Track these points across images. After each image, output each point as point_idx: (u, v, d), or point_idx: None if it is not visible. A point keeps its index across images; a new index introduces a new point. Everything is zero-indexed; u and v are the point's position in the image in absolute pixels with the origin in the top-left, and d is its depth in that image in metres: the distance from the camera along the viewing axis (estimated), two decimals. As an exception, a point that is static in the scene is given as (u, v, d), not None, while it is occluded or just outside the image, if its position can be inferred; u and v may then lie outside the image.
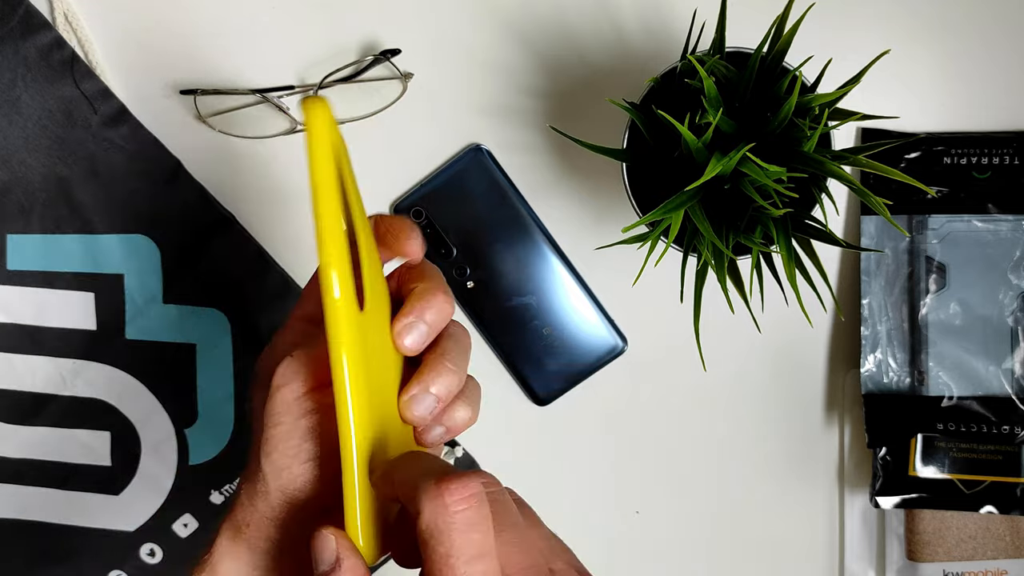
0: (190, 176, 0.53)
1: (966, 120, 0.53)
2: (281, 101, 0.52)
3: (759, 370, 0.55)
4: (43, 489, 0.55)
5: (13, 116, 0.51)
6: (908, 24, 0.53)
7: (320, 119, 0.29)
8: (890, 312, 0.53)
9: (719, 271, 0.41)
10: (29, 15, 0.51)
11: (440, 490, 0.27)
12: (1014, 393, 0.52)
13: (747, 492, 0.56)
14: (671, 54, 0.52)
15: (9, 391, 0.54)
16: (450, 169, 0.53)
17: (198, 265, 0.53)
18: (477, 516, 0.27)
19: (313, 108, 0.29)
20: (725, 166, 0.38)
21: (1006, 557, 0.53)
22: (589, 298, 0.54)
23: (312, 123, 0.29)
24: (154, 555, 0.55)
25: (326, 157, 0.28)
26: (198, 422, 0.54)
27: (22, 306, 0.53)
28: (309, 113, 0.29)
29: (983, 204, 0.52)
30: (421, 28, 0.53)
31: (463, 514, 0.27)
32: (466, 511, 0.27)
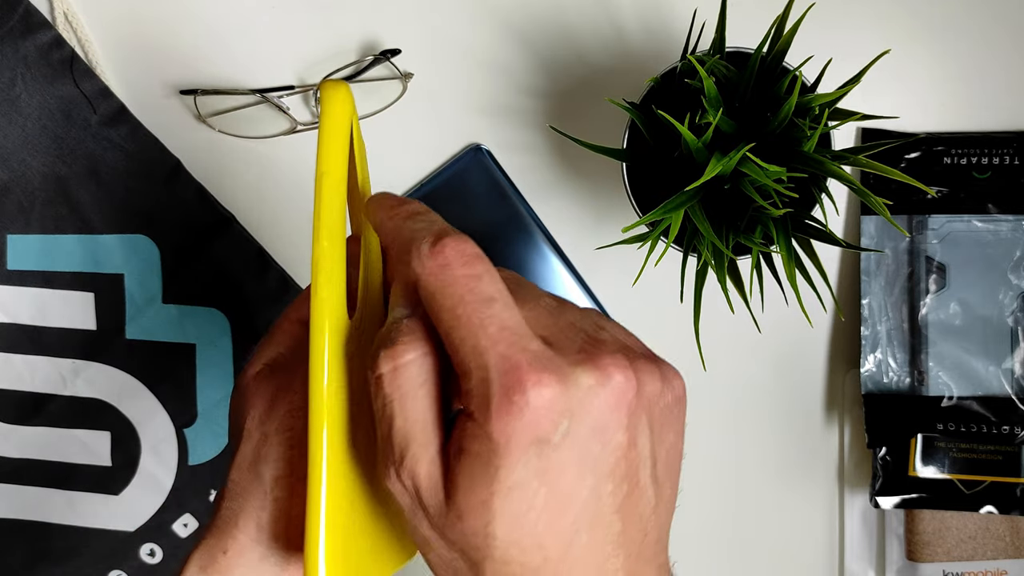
0: (190, 176, 0.53)
1: (966, 120, 0.53)
2: (281, 101, 0.52)
3: (759, 370, 0.55)
4: (43, 489, 0.55)
5: (13, 115, 0.51)
6: (908, 24, 0.53)
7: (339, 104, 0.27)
8: (890, 312, 0.53)
9: (719, 271, 0.41)
10: (29, 14, 0.51)
11: (434, 253, 0.25)
12: (1014, 393, 0.52)
13: (747, 492, 0.56)
14: (671, 54, 0.52)
15: (9, 391, 0.54)
16: (450, 169, 0.53)
17: (198, 265, 0.53)
18: (479, 269, 0.25)
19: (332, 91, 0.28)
20: (725, 166, 0.38)
21: (1006, 557, 0.53)
22: (589, 298, 0.54)
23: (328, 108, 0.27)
24: (154, 555, 0.55)
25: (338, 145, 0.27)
26: (198, 422, 0.54)
27: (22, 306, 0.53)
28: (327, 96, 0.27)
29: (983, 204, 0.52)
30: (421, 28, 0.53)
31: (463, 268, 0.25)
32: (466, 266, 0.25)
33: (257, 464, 0.31)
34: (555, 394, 0.23)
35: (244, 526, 0.31)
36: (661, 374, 0.26)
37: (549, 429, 0.23)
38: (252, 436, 0.32)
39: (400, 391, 0.25)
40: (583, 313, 0.28)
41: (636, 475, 0.25)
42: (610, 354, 0.25)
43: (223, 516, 0.32)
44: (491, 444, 0.23)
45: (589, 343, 0.26)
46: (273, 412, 0.32)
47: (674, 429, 0.28)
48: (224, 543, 0.31)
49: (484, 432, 0.24)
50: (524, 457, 0.23)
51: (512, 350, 0.24)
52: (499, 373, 0.23)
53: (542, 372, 0.24)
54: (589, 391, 0.24)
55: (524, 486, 0.24)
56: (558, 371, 0.24)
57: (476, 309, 0.25)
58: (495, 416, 0.23)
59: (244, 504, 0.31)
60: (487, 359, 0.24)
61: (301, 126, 0.53)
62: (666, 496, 0.27)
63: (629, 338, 0.28)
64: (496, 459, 0.23)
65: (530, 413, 0.23)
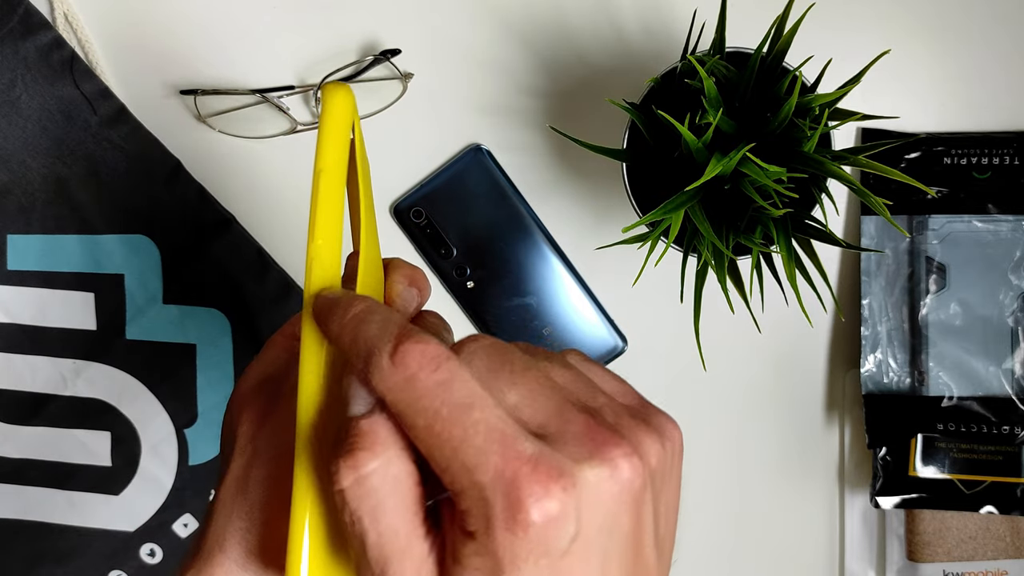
0: (190, 176, 0.53)
1: (966, 120, 0.53)
2: (281, 101, 0.52)
3: (759, 370, 0.55)
4: (43, 489, 0.55)
5: (13, 116, 0.51)
6: (908, 24, 0.53)
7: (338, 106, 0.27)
8: (890, 312, 0.53)
9: (719, 271, 0.41)
10: (29, 15, 0.51)
11: (395, 364, 0.23)
12: (1014, 393, 0.52)
13: (747, 492, 0.56)
14: (671, 54, 0.52)
15: (9, 391, 0.54)
16: (450, 169, 0.53)
17: (198, 265, 0.53)
18: (448, 372, 0.23)
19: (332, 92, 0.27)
20: (725, 166, 0.38)
21: (1006, 557, 0.53)
22: (589, 298, 0.54)
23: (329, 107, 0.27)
24: (154, 555, 0.55)
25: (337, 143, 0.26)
26: (198, 422, 0.54)
27: (22, 306, 0.53)
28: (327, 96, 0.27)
29: (983, 204, 0.52)
30: (421, 28, 0.53)
31: (432, 377, 0.22)
32: (434, 373, 0.22)
33: (246, 483, 0.30)
34: (561, 503, 0.22)
35: (230, 550, 0.30)
36: (661, 437, 0.25)
37: (558, 538, 0.22)
38: (242, 453, 0.31)
39: (368, 504, 0.23)
40: (568, 368, 0.26)
41: (641, 548, 0.24)
42: (615, 438, 0.23)
43: (210, 539, 0.30)
44: (496, 561, 0.22)
45: (588, 423, 0.23)
46: (263, 429, 0.31)
47: (673, 484, 0.26)
48: (210, 569, 0.30)
49: (487, 551, 0.22)
50: (532, 571, 0.22)
51: (507, 460, 0.22)
52: (497, 492, 0.21)
53: (545, 481, 0.21)
54: (596, 487, 0.22)
55: None
56: (561, 474, 0.22)
57: (455, 422, 0.22)
58: (499, 537, 0.21)
59: (230, 526, 0.30)
60: (479, 477, 0.22)
61: (301, 126, 0.53)
62: (666, 551, 0.26)
63: (620, 387, 0.27)
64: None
65: (536, 530, 0.21)
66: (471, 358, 0.24)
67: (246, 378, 0.33)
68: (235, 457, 0.31)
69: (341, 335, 0.25)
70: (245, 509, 0.30)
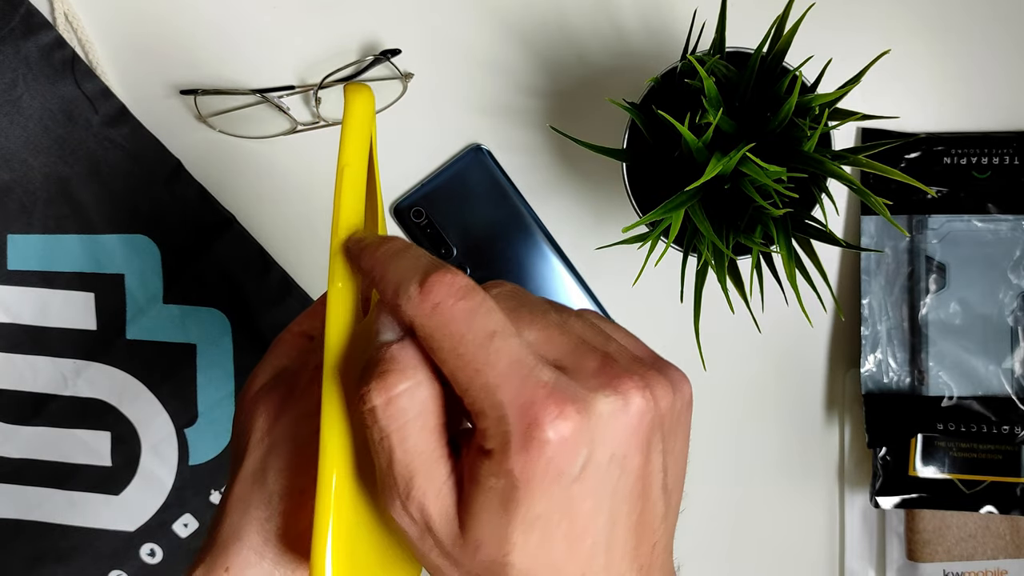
0: (190, 176, 0.53)
1: (966, 120, 0.53)
2: (281, 101, 0.52)
3: (759, 370, 0.55)
4: (43, 489, 0.55)
5: (14, 116, 0.51)
6: (908, 24, 0.53)
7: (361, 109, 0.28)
8: (890, 312, 0.53)
9: (719, 271, 0.41)
10: (30, 15, 0.51)
11: (424, 293, 0.24)
12: (1014, 393, 0.52)
13: (747, 492, 0.56)
14: (671, 54, 0.52)
15: (9, 391, 0.54)
16: (450, 169, 0.53)
17: (199, 265, 0.53)
18: (474, 302, 0.24)
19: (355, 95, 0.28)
20: (725, 166, 0.38)
21: (1006, 557, 0.53)
22: (589, 298, 0.54)
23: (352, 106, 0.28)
24: (154, 555, 0.55)
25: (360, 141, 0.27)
26: (198, 422, 0.54)
27: (22, 306, 0.53)
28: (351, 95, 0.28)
29: (983, 204, 0.52)
30: (421, 28, 0.53)
31: (458, 305, 0.24)
32: (460, 301, 0.24)
33: (263, 474, 0.31)
34: (575, 425, 0.23)
35: (248, 539, 0.30)
36: (672, 384, 0.26)
37: (571, 461, 0.23)
38: (258, 447, 0.31)
39: (396, 423, 0.24)
40: (584, 320, 0.27)
41: (649, 491, 0.25)
42: (627, 374, 0.24)
43: (225, 531, 0.31)
44: (511, 480, 0.23)
45: (603, 361, 0.25)
46: (279, 421, 0.31)
47: (682, 435, 0.27)
48: (226, 560, 0.30)
49: (503, 469, 0.23)
50: (546, 492, 0.23)
51: (525, 384, 0.23)
52: (515, 411, 0.23)
53: (561, 404, 0.23)
54: (609, 417, 0.23)
55: (545, 519, 0.23)
56: (576, 399, 0.23)
57: (479, 346, 0.23)
58: (515, 456, 0.22)
59: (248, 517, 0.30)
60: (500, 397, 0.23)
61: (301, 126, 0.53)
62: (674, 503, 0.27)
63: (633, 342, 0.28)
64: (516, 494, 0.23)
65: (551, 450, 0.22)
66: (495, 296, 0.25)
67: (257, 375, 0.34)
68: (250, 451, 0.31)
69: (373, 268, 0.26)
70: (263, 499, 0.31)
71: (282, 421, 0.31)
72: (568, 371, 0.24)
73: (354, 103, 0.28)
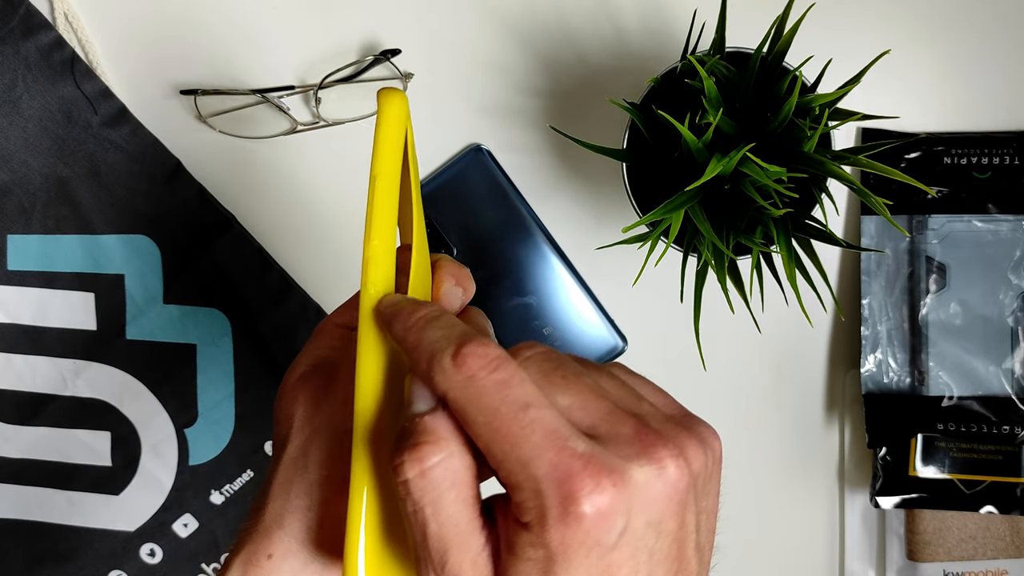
0: (190, 176, 0.53)
1: (966, 120, 0.53)
2: (281, 101, 0.52)
3: (759, 370, 0.55)
4: (43, 489, 0.55)
5: (13, 116, 0.51)
6: (908, 24, 0.53)
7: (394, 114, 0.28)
8: (890, 312, 0.53)
9: (719, 271, 0.41)
10: (29, 15, 0.51)
11: (457, 365, 0.24)
12: (1014, 393, 0.52)
13: (747, 492, 0.56)
14: (671, 54, 0.52)
15: (9, 391, 0.54)
16: (450, 169, 0.53)
17: (199, 265, 0.53)
18: (507, 374, 0.24)
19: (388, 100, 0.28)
20: (725, 166, 0.38)
21: (1006, 557, 0.53)
22: (589, 298, 0.54)
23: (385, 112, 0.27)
24: (154, 555, 0.55)
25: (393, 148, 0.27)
26: (198, 422, 0.54)
27: (22, 306, 0.53)
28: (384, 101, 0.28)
29: (983, 204, 0.52)
30: (421, 28, 0.53)
31: (491, 377, 0.24)
32: (494, 374, 0.24)
33: (305, 462, 0.31)
34: (611, 497, 0.23)
35: (290, 528, 0.30)
36: (703, 444, 0.26)
37: (608, 531, 0.23)
38: (300, 434, 0.32)
39: (430, 495, 0.24)
40: (615, 379, 0.27)
41: (684, 551, 0.25)
42: (662, 441, 0.25)
43: (268, 516, 0.31)
44: (549, 552, 0.23)
45: (637, 426, 0.25)
46: (320, 410, 0.32)
47: (714, 491, 0.27)
48: (270, 546, 0.30)
49: (541, 542, 0.23)
50: (583, 563, 0.23)
51: (561, 456, 0.23)
52: (551, 485, 0.23)
53: (597, 476, 0.23)
54: (645, 485, 0.24)
55: None
56: (612, 471, 0.23)
57: (513, 419, 0.23)
58: (552, 529, 0.23)
59: (290, 505, 0.31)
60: (536, 471, 0.23)
61: (301, 126, 0.53)
62: (706, 559, 0.27)
63: (663, 398, 0.28)
64: (554, 567, 0.23)
65: (588, 523, 0.23)
66: (527, 363, 0.26)
67: (299, 363, 0.34)
68: (292, 437, 0.32)
69: (406, 337, 0.26)
70: (304, 488, 0.31)
71: (323, 409, 0.32)
72: (602, 439, 0.24)
73: (388, 109, 0.28)
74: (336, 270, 0.54)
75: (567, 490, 0.23)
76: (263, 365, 0.54)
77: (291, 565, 0.30)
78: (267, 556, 0.30)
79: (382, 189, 0.27)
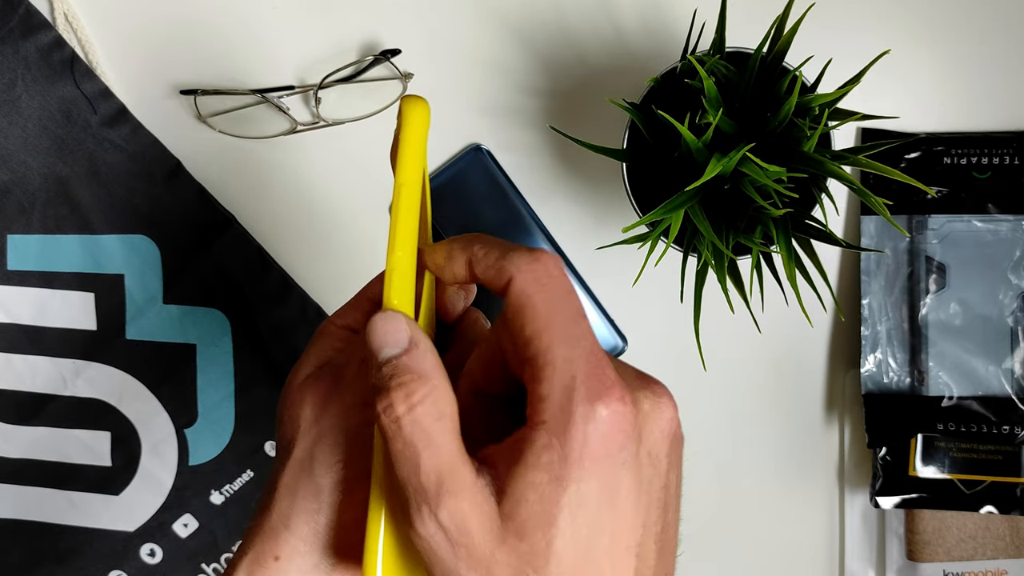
0: (190, 176, 0.53)
1: (966, 120, 0.53)
2: (281, 101, 0.52)
3: (759, 370, 0.55)
4: (43, 489, 0.55)
5: (13, 116, 0.51)
6: (908, 24, 0.53)
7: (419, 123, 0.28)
8: (890, 312, 0.53)
9: (719, 271, 0.41)
10: (29, 15, 0.51)
11: (536, 254, 0.26)
12: (1014, 393, 0.52)
13: (747, 492, 0.56)
14: (671, 54, 0.52)
15: (9, 391, 0.54)
16: (450, 169, 0.53)
17: (198, 265, 0.53)
18: (572, 286, 0.26)
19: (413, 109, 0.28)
20: (725, 166, 0.38)
21: (1006, 557, 0.53)
22: (589, 298, 0.54)
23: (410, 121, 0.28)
24: (154, 555, 0.55)
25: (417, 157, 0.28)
26: (198, 422, 0.54)
27: (22, 306, 0.53)
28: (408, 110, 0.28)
29: (983, 204, 0.52)
30: (421, 28, 0.53)
31: (563, 278, 0.26)
32: (564, 276, 0.26)
33: (312, 464, 0.31)
34: (629, 414, 0.24)
35: (297, 530, 0.30)
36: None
37: (619, 447, 0.24)
38: (306, 436, 0.31)
39: (421, 428, 0.24)
40: None
41: (669, 507, 0.26)
42: (661, 386, 0.26)
43: (274, 518, 0.31)
44: (564, 453, 0.23)
45: (638, 372, 0.27)
46: (327, 412, 0.31)
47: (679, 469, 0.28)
48: (276, 548, 0.30)
49: (558, 441, 0.23)
50: (596, 471, 0.23)
51: (597, 368, 0.24)
52: (584, 385, 0.24)
53: (622, 392, 0.24)
54: (648, 416, 0.25)
55: (591, 504, 0.23)
56: (630, 391, 0.24)
57: (571, 322, 0.25)
58: (575, 424, 0.23)
59: (296, 507, 0.30)
60: (575, 371, 0.24)
61: (301, 126, 0.53)
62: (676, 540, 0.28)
63: None
64: (567, 470, 0.23)
65: (607, 426, 0.24)
66: None
67: (304, 364, 0.34)
68: (299, 439, 0.31)
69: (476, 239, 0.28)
70: (311, 490, 0.31)
71: (329, 411, 0.31)
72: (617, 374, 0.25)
73: (413, 117, 0.28)
74: (336, 270, 0.54)
75: (596, 394, 0.24)
76: (263, 365, 0.54)
77: (298, 566, 0.30)
78: (274, 558, 0.30)
79: (407, 199, 0.28)
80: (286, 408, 0.33)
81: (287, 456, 0.32)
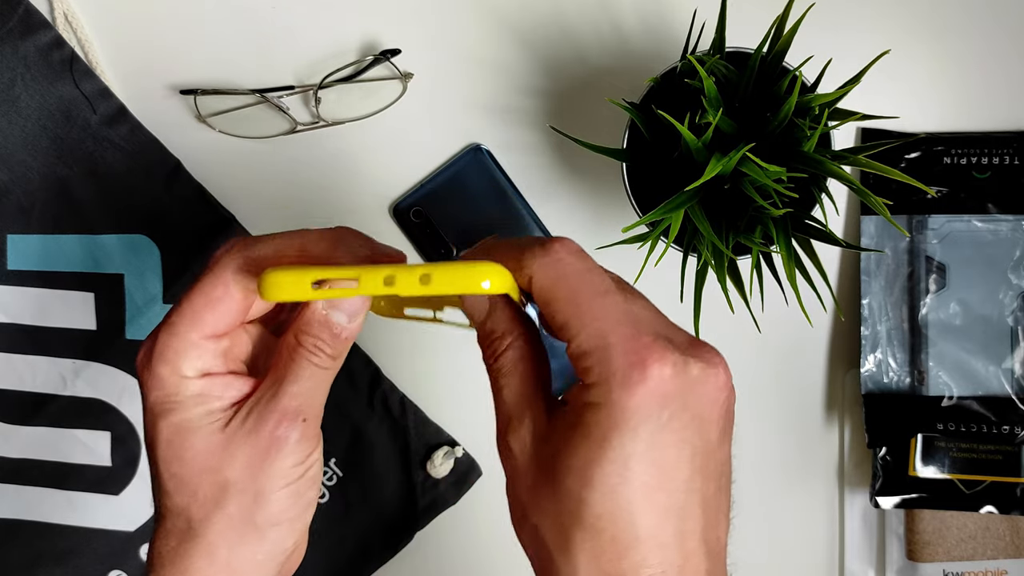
0: (190, 176, 0.53)
1: (966, 120, 0.53)
2: (281, 101, 0.52)
3: (759, 370, 0.55)
4: (43, 489, 0.55)
5: (13, 116, 0.51)
6: (908, 24, 0.53)
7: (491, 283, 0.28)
8: (890, 312, 0.53)
9: (719, 271, 0.41)
10: (29, 14, 0.51)
11: (547, 247, 0.27)
12: (1014, 393, 0.52)
13: (747, 492, 0.56)
14: (671, 54, 0.52)
15: (9, 391, 0.54)
16: (450, 169, 0.53)
17: (198, 265, 0.53)
18: (591, 262, 0.27)
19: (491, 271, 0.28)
20: (725, 166, 0.38)
21: (1006, 557, 0.53)
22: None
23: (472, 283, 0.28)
24: (154, 555, 0.55)
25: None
26: (198, 422, 0.54)
27: (22, 306, 0.53)
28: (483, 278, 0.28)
29: (983, 204, 0.52)
30: (421, 28, 0.53)
31: (577, 260, 0.27)
32: (579, 257, 0.27)
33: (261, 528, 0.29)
34: (672, 374, 0.25)
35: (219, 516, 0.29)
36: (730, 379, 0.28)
37: (662, 407, 0.25)
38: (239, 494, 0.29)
39: (503, 373, 0.28)
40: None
41: (718, 475, 0.27)
42: (715, 352, 0.27)
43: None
44: (606, 412, 0.25)
45: (691, 338, 0.27)
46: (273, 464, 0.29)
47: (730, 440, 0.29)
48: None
49: (602, 401, 0.25)
50: (633, 431, 0.24)
51: (633, 334, 0.25)
52: (623, 348, 0.25)
53: (663, 354, 0.25)
54: (697, 380, 0.26)
55: (626, 459, 0.24)
56: (674, 355, 0.25)
57: (594, 298, 0.26)
58: (616, 386, 0.25)
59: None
60: (610, 339, 0.25)
61: (301, 126, 0.53)
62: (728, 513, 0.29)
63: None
64: (606, 427, 0.25)
65: (647, 388, 0.25)
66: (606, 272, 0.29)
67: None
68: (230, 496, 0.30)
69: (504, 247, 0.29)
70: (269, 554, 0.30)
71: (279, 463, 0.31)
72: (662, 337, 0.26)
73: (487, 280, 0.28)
74: (336, 270, 0.54)
75: (636, 358, 0.25)
76: (263, 365, 0.54)
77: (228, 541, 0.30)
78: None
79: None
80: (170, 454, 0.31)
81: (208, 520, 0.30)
